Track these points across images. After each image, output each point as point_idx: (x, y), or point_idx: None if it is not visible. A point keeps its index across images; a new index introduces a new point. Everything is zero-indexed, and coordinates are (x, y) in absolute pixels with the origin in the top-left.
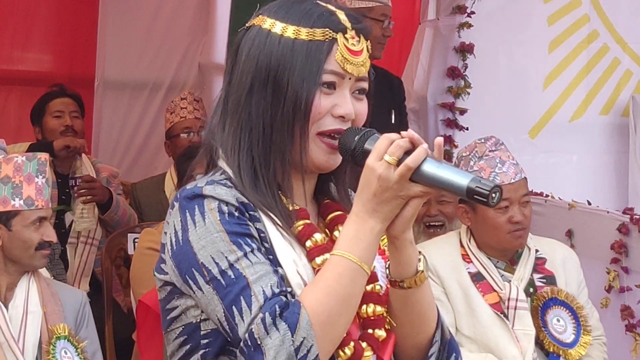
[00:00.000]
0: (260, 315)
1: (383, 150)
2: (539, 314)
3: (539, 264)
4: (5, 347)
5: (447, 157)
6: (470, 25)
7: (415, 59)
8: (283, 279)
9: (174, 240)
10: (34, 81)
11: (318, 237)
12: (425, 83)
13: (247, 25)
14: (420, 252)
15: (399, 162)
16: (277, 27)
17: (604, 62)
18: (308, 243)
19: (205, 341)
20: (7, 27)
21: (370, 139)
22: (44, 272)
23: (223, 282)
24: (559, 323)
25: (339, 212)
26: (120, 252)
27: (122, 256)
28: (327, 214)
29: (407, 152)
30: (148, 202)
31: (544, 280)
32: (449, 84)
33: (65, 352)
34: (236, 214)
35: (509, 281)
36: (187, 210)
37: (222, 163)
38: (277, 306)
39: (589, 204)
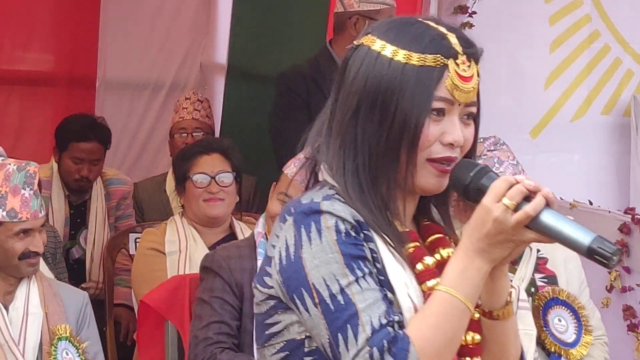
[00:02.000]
0: (368, 348)
1: (501, 193)
2: (540, 313)
3: (540, 264)
4: (6, 348)
5: None
6: (471, 25)
7: None
8: (392, 303)
9: (284, 255)
10: (36, 81)
11: (429, 260)
12: None
13: (355, 43)
14: (512, 287)
15: (517, 207)
16: (388, 49)
17: (605, 62)
18: (419, 266)
19: (309, 358)
20: (8, 27)
21: (486, 177)
22: (46, 272)
23: (332, 307)
24: (560, 323)
25: (439, 235)
26: (122, 252)
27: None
28: (428, 235)
29: (525, 198)
30: (149, 202)
31: (545, 280)
32: None
33: (67, 353)
34: (352, 233)
35: (510, 281)
36: (302, 226)
37: (327, 178)
38: (385, 341)
39: (591, 203)
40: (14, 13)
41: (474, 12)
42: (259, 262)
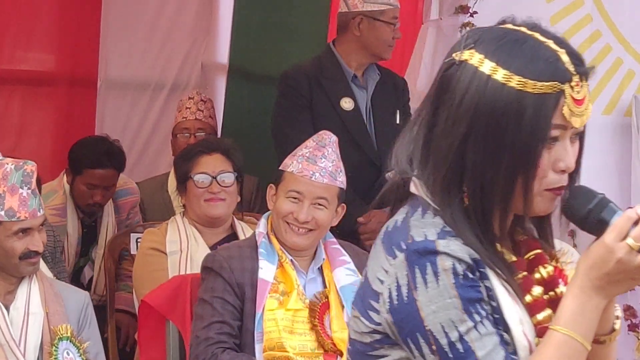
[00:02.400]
0: None
1: (625, 231)
2: None
3: None
4: (7, 349)
5: None
6: (473, 25)
7: (418, 59)
8: (508, 344)
9: (395, 295)
10: (37, 81)
11: (537, 290)
12: (428, 83)
13: (456, 59)
14: (618, 311)
15: None
16: (499, 73)
17: (607, 62)
18: (528, 297)
19: None
20: (9, 27)
21: (607, 210)
22: (46, 271)
23: (451, 355)
24: None
25: (537, 251)
26: (128, 259)
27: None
28: (524, 252)
29: None
30: (151, 201)
31: None
32: None
33: (68, 354)
34: (470, 275)
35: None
36: (416, 267)
37: (426, 198)
38: None
39: None
40: (16, 13)
41: (475, 12)
42: (260, 262)
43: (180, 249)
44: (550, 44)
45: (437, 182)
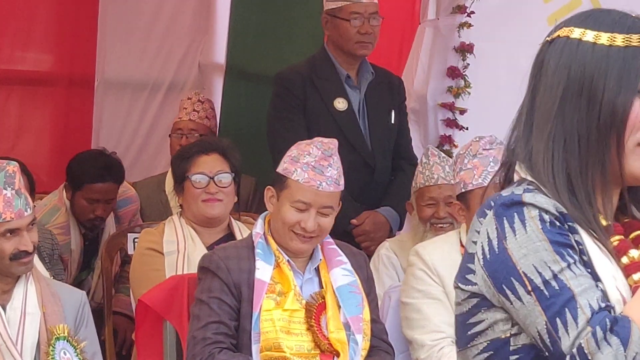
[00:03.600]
0: (590, 329)
1: None
2: None
3: None
4: (4, 349)
5: (447, 156)
6: (470, 25)
7: (415, 59)
8: (604, 294)
9: (487, 248)
10: (35, 81)
11: (635, 253)
12: (425, 83)
13: (548, 38)
14: None
15: None
16: (589, 35)
17: None
18: (624, 259)
19: (514, 357)
20: (7, 27)
21: None
22: (43, 271)
23: (546, 293)
24: None
25: None
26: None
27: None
28: (631, 231)
29: None
30: (149, 201)
31: None
32: (449, 84)
33: (65, 353)
34: (557, 223)
35: None
36: (504, 218)
37: (526, 176)
38: (607, 319)
39: None
40: (13, 13)
41: (473, 12)
42: (257, 263)
43: (178, 249)
44: (636, 14)
45: (540, 150)
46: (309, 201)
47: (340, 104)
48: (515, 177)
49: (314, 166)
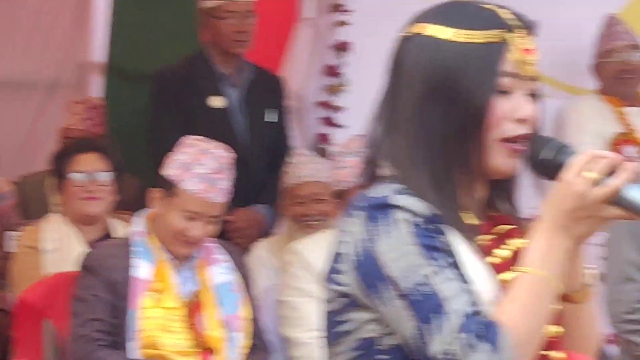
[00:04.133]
0: (459, 334)
1: (584, 166)
2: None
3: None
4: None
5: (323, 154)
6: (348, 23)
7: (294, 58)
8: (474, 297)
9: (358, 250)
10: None
11: (502, 252)
12: (303, 81)
13: (403, 34)
14: (592, 266)
15: (600, 181)
16: (445, 32)
17: None
18: (492, 259)
19: (382, 357)
20: None
21: (567, 152)
22: None
23: (415, 298)
24: None
25: (510, 226)
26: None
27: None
28: (496, 226)
29: (609, 173)
30: (30, 199)
31: None
32: (327, 82)
33: None
34: (427, 226)
35: None
36: (374, 220)
37: (392, 173)
38: (476, 327)
39: None
40: None
41: (350, 10)
42: (136, 261)
43: (57, 247)
44: (492, 6)
45: (401, 149)
46: (198, 211)
47: (216, 102)
48: (383, 173)
49: (207, 178)
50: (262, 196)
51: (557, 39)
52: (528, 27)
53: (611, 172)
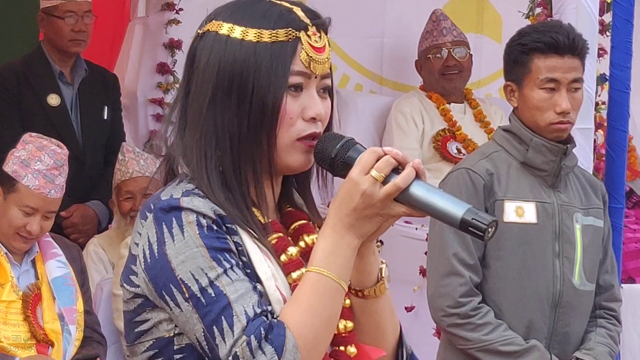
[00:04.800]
0: (245, 337)
1: (369, 165)
2: None
3: None
4: None
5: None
6: (178, 22)
7: (126, 56)
8: (262, 295)
9: (148, 253)
10: None
11: (292, 250)
12: (135, 79)
13: (199, 32)
14: (382, 262)
15: (386, 180)
16: (236, 31)
17: None
18: (283, 257)
19: (178, 356)
20: None
21: (353, 149)
22: None
23: (203, 300)
24: None
25: (303, 221)
26: None
27: None
28: (291, 222)
29: (395, 170)
30: None
31: None
32: (158, 80)
33: None
34: (214, 227)
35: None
36: (163, 223)
37: (186, 171)
38: (261, 328)
39: None
40: None
41: (181, 9)
42: None
43: None
44: (285, 4)
45: (193, 147)
46: (37, 207)
47: (53, 99)
48: (179, 171)
49: (45, 174)
50: (96, 192)
51: (385, 36)
52: (320, 24)
53: (396, 168)
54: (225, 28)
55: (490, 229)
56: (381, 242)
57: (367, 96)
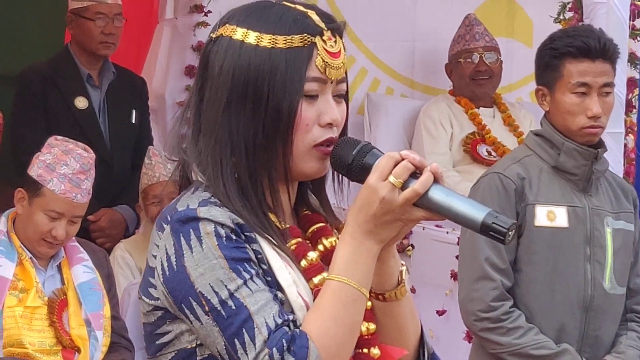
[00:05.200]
0: (267, 350)
1: (387, 171)
2: None
3: None
4: None
5: None
6: (207, 24)
7: (154, 58)
8: (283, 303)
9: (166, 265)
10: None
11: (313, 255)
12: (163, 82)
13: (212, 36)
14: (403, 264)
15: (404, 185)
16: (251, 36)
17: None
18: (303, 262)
19: None
20: None
21: (370, 154)
22: None
23: (224, 313)
24: None
25: (320, 224)
26: None
27: None
28: (309, 226)
29: (412, 174)
30: None
31: None
32: (187, 83)
33: None
34: (233, 237)
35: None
36: (181, 234)
37: (201, 178)
38: (283, 340)
39: None
40: None
41: (210, 11)
42: None
43: None
44: (299, 7)
45: (208, 154)
46: (62, 211)
47: (80, 103)
48: (193, 178)
49: (71, 178)
50: (123, 197)
51: (416, 40)
52: (335, 29)
53: (414, 173)
54: (239, 33)
55: (510, 232)
56: (412, 245)
57: (398, 100)
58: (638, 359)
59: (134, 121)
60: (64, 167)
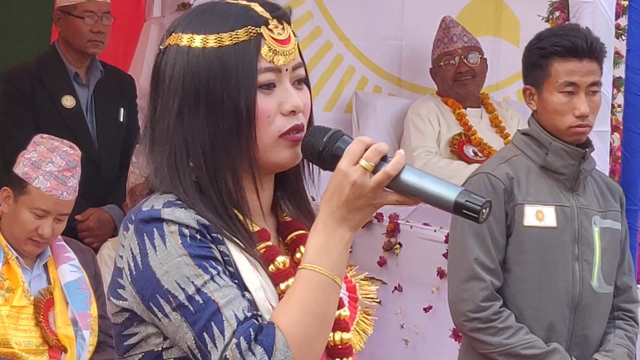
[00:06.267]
0: (235, 340)
1: (358, 155)
2: None
3: None
4: None
5: None
6: None
7: (141, 56)
8: (251, 303)
9: (132, 265)
10: None
11: (281, 260)
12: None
13: (160, 47)
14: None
15: (375, 168)
16: (197, 40)
17: (327, 58)
18: (271, 267)
19: None
20: None
21: (340, 140)
22: None
23: (191, 308)
24: None
25: (300, 232)
26: None
27: None
28: (287, 233)
29: (383, 158)
30: None
31: None
32: None
33: None
34: (198, 236)
35: None
36: (145, 234)
37: (162, 188)
38: (251, 329)
39: None
40: None
41: None
42: None
43: None
44: (241, 2)
45: (164, 165)
46: (48, 209)
47: (67, 101)
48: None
49: (57, 176)
50: (111, 196)
51: (403, 39)
52: (281, 16)
53: (386, 157)
54: (185, 39)
55: (484, 210)
56: (400, 244)
57: (386, 98)
58: (626, 357)
59: (122, 119)
60: (49, 164)
